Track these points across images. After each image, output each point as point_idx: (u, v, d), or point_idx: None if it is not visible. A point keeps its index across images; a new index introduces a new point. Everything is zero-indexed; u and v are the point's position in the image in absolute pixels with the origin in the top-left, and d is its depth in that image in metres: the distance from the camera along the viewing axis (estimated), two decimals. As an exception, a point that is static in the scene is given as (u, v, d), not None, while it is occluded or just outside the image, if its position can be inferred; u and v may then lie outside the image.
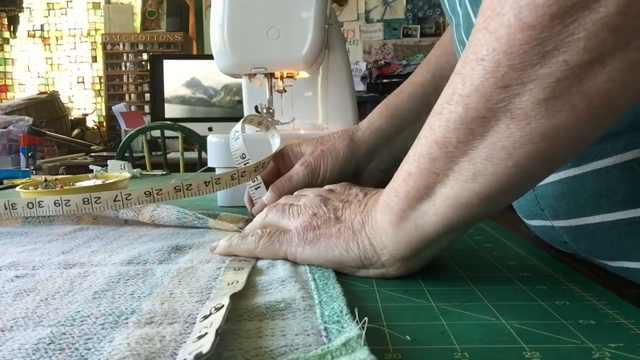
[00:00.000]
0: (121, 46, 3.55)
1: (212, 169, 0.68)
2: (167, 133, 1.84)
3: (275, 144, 0.56)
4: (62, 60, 4.08)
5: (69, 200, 0.46)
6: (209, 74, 2.11)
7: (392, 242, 0.31)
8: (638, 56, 0.22)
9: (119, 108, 2.51)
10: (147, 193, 0.47)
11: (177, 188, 0.48)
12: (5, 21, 3.98)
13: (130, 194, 0.46)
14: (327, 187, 0.40)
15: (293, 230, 0.35)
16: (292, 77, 0.70)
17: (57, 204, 0.46)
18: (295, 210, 0.38)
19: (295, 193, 0.44)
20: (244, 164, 0.51)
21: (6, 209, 0.47)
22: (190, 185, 0.47)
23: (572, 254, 0.40)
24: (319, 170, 0.52)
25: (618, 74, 0.22)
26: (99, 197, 0.46)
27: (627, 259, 0.33)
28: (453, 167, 0.27)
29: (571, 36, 0.22)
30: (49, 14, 4.07)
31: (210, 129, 2.05)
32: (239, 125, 0.55)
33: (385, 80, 2.66)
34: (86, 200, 0.46)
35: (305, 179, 0.51)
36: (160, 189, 0.47)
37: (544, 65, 0.23)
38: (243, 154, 0.52)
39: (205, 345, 0.20)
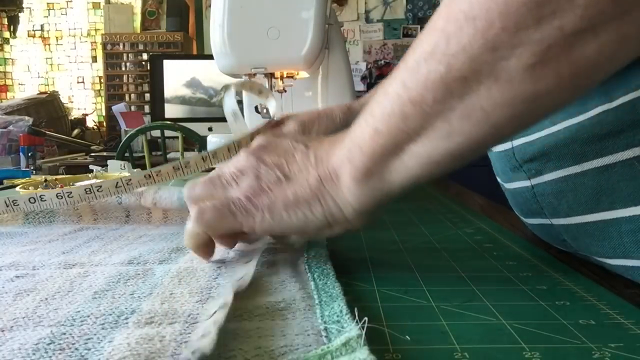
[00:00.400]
0: (121, 46, 3.55)
1: (212, 169, 0.68)
2: (167, 133, 1.84)
3: (272, 107, 0.55)
4: (62, 60, 4.08)
5: (70, 192, 0.45)
6: (209, 74, 2.11)
7: (357, 198, 0.30)
8: (631, 29, 0.22)
9: (119, 108, 2.51)
10: (147, 176, 0.46)
11: (175, 167, 0.48)
12: (5, 21, 3.98)
13: (130, 179, 0.46)
14: (250, 146, 0.36)
15: (242, 198, 0.32)
16: (292, 77, 0.70)
17: (59, 197, 0.46)
18: (230, 177, 0.34)
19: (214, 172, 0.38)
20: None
21: (7, 206, 0.47)
22: (188, 162, 0.46)
23: (571, 253, 0.40)
24: (312, 129, 0.50)
25: (608, 45, 0.22)
26: (101, 186, 0.46)
27: (627, 257, 0.33)
28: (427, 126, 0.27)
29: (571, 2, 0.22)
30: (49, 14, 4.07)
31: (210, 129, 2.05)
32: (233, 87, 0.53)
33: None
34: (88, 190, 0.46)
35: (297, 135, 0.49)
36: (159, 170, 0.47)
37: (538, 30, 0.23)
38: (234, 112, 0.52)
39: (206, 344, 0.20)
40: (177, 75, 2.12)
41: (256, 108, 0.69)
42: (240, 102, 0.56)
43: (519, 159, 0.40)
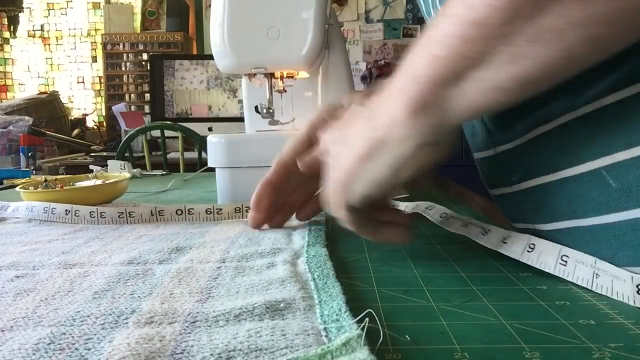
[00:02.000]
0: (121, 46, 3.55)
1: (212, 169, 0.68)
2: (167, 133, 1.84)
3: None
4: (62, 60, 4.08)
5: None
6: (209, 74, 2.11)
7: (415, 131, 0.28)
8: None
9: (119, 108, 2.51)
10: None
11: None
12: (5, 21, 3.98)
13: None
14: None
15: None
16: (292, 77, 0.70)
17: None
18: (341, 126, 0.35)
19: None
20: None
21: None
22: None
23: None
24: None
25: None
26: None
27: (608, 262, 0.33)
28: (492, 50, 0.25)
29: None
30: (49, 14, 4.07)
31: (210, 129, 2.05)
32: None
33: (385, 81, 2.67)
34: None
35: None
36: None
37: None
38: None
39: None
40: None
41: (256, 108, 0.69)
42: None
43: (502, 165, 0.40)
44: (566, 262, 0.32)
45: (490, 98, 0.26)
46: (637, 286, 0.27)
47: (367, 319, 0.22)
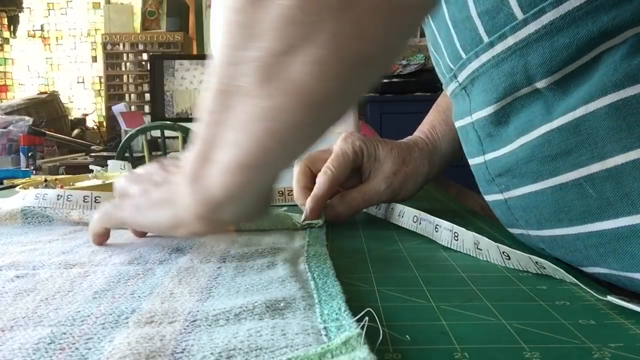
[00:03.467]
0: (121, 46, 3.55)
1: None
2: (167, 133, 1.84)
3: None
4: (62, 60, 4.08)
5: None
6: (209, 74, 2.11)
7: (190, 202, 0.32)
8: (324, 52, 0.23)
9: (119, 108, 2.51)
10: None
11: None
12: (5, 21, 3.98)
13: None
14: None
15: (129, 198, 0.38)
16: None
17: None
18: (137, 178, 0.39)
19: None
20: None
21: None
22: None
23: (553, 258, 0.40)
24: (399, 192, 0.53)
25: (312, 67, 0.23)
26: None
27: (598, 266, 0.33)
28: (217, 134, 0.28)
29: (264, 23, 0.23)
30: (49, 14, 4.07)
31: (210, 129, 2.05)
32: None
33: (385, 80, 2.66)
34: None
35: (385, 198, 0.52)
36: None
37: (251, 49, 0.24)
38: None
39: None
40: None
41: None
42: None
43: (491, 172, 0.40)
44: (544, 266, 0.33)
45: (232, 180, 0.29)
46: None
47: (366, 318, 0.22)
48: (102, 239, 0.41)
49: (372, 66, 0.25)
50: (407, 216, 0.48)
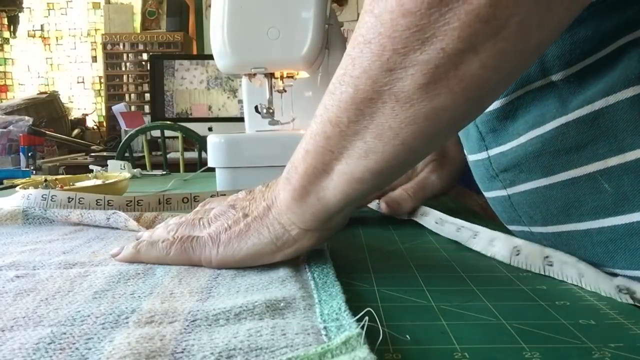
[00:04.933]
0: (121, 46, 3.55)
1: (212, 169, 0.69)
2: (167, 133, 1.84)
3: None
4: (62, 60, 4.08)
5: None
6: (209, 74, 2.11)
7: (298, 216, 0.32)
8: (507, 45, 0.23)
9: (119, 108, 2.51)
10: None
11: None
12: (5, 21, 3.98)
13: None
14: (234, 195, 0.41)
15: (206, 236, 0.35)
16: (292, 77, 0.70)
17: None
18: (206, 221, 0.38)
19: (200, 207, 0.44)
20: None
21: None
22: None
23: None
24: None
25: (489, 61, 0.24)
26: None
27: (602, 265, 0.33)
28: (346, 145, 0.28)
29: (447, 25, 0.23)
30: (49, 14, 4.07)
31: (210, 129, 2.05)
32: None
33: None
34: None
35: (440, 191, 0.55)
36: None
37: (424, 52, 0.24)
38: None
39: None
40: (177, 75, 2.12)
41: (256, 108, 0.69)
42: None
43: (495, 168, 0.40)
44: (552, 263, 0.33)
45: (355, 188, 0.30)
46: (617, 286, 0.29)
47: (366, 318, 0.22)
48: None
49: (540, 52, 0.25)
50: (431, 216, 0.48)
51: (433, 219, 0.47)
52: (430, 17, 0.23)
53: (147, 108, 3.30)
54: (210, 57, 0.68)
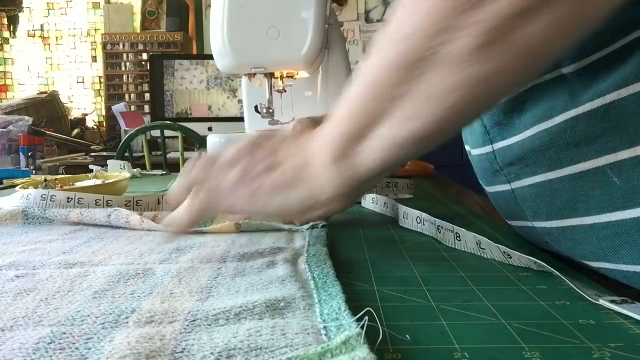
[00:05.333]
0: (121, 46, 3.55)
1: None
2: (167, 133, 1.84)
3: None
4: (62, 60, 4.08)
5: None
6: (209, 74, 2.12)
7: (332, 180, 0.31)
8: (566, 9, 0.23)
9: (119, 108, 2.51)
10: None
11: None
12: (5, 21, 3.98)
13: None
14: (256, 134, 0.39)
15: (231, 183, 0.34)
16: (292, 77, 0.70)
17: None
18: (227, 160, 0.36)
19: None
20: None
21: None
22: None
23: (554, 253, 0.40)
24: None
25: (548, 25, 0.23)
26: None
27: (606, 261, 0.33)
28: (390, 108, 0.28)
29: None
30: (49, 14, 4.07)
31: (210, 129, 2.05)
32: None
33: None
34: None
35: None
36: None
37: (481, 12, 0.23)
38: None
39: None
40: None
41: (256, 108, 0.69)
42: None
43: (500, 162, 0.40)
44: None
45: (394, 153, 0.29)
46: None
47: (366, 318, 0.22)
48: (188, 229, 0.38)
49: (598, 19, 0.24)
50: (411, 217, 0.48)
51: (414, 218, 0.48)
52: None
53: (147, 108, 3.30)
54: (210, 57, 0.68)
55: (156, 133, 1.85)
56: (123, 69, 3.57)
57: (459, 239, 0.40)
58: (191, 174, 0.37)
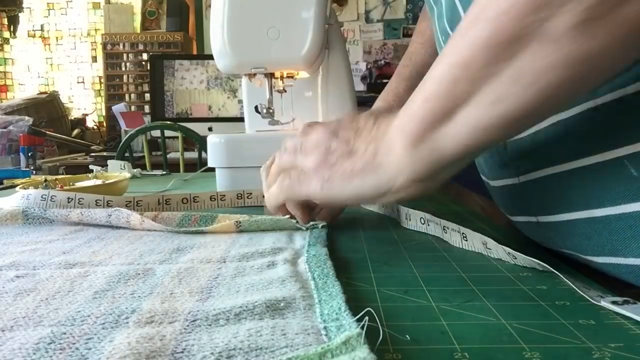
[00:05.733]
0: (121, 46, 3.55)
1: (212, 169, 0.68)
2: (167, 133, 1.84)
3: None
4: (62, 60, 4.08)
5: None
6: (209, 74, 2.12)
7: (408, 166, 0.30)
8: None
9: (119, 108, 2.51)
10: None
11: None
12: (5, 21, 3.98)
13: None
14: (333, 120, 0.39)
15: (311, 170, 0.35)
16: (292, 77, 0.70)
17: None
18: (307, 146, 0.37)
19: (302, 128, 0.44)
20: None
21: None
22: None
23: (556, 251, 0.40)
24: None
25: None
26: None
27: (613, 255, 0.32)
28: (475, 91, 0.26)
29: None
30: (49, 14, 4.07)
31: (210, 129, 2.05)
32: None
33: (385, 80, 2.66)
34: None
35: None
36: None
37: None
38: None
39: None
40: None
41: (256, 108, 0.69)
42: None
43: (510, 155, 0.39)
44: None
45: (478, 138, 0.28)
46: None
47: (366, 318, 0.22)
48: (284, 210, 0.40)
49: None
50: (414, 219, 0.48)
51: (417, 219, 0.48)
52: None
53: (147, 108, 3.30)
54: (210, 57, 0.68)
55: (156, 133, 1.86)
56: (123, 69, 3.58)
57: (465, 239, 0.40)
58: (277, 161, 0.39)
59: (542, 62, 0.24)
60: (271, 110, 0.68)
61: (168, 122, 1.90)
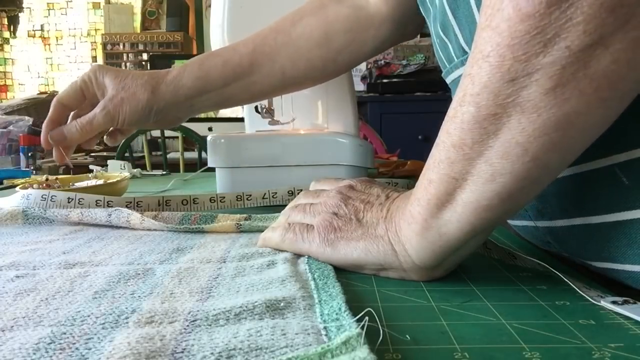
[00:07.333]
0: (121, 46, 3.56)
1: (212, 169, 0.68)
2: (167, 133, 1.84)
3: None
4: (62, 60, 4.08)
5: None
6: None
7: (416, 252, 0.31)
8: (637, 33, 0.22)
9: (119, 108, 2.50)
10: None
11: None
12: (5, 21, 3.98)
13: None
14: (346, 182, 0.40)
15: (315, 230, 0.36)
16: (292, 77, 0.70)
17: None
18: (316, 209, 0.38)
19: (313, 185, 0.46)
20: None
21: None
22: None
23: (556, 253, 0.40)
24: (118, 117, 0.56)
25: (622, 53, 0.22)
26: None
27: (611, 261, 0.33)
28: (471, 170, 0.27)
29: (570, 21, 0.22)
30: (49, 14, 4.07)
31: (210, 129, 2.05)
32: None
33: (385, 80, 2.66)
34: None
35: (105, 125, 0.57)
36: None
37: (547, 54, 0.23)
38: None
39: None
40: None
41: (256, 108, 0.69)
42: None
43: None
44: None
45: (482, 217, 0.28)
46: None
47: (366, 318, 0.22)
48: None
49: None
50: None
51: None
52: (551, 16, 0.22)
53: (147, 108, 3.29)
54: (210, 57, 0.68)
55: (156, 133, 1.86)
56: (123, 68, 3.58)
57: None
58: (289, 215, 0.40)
59: (525, 132, 0.25)
60: (271, 110, 0.68)
61: (168, 122, 1.89)
